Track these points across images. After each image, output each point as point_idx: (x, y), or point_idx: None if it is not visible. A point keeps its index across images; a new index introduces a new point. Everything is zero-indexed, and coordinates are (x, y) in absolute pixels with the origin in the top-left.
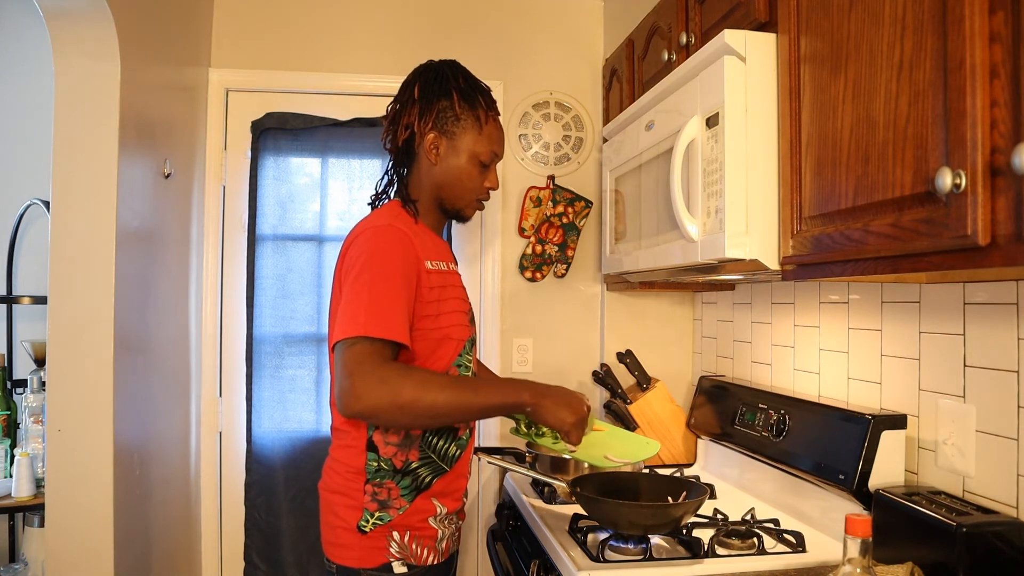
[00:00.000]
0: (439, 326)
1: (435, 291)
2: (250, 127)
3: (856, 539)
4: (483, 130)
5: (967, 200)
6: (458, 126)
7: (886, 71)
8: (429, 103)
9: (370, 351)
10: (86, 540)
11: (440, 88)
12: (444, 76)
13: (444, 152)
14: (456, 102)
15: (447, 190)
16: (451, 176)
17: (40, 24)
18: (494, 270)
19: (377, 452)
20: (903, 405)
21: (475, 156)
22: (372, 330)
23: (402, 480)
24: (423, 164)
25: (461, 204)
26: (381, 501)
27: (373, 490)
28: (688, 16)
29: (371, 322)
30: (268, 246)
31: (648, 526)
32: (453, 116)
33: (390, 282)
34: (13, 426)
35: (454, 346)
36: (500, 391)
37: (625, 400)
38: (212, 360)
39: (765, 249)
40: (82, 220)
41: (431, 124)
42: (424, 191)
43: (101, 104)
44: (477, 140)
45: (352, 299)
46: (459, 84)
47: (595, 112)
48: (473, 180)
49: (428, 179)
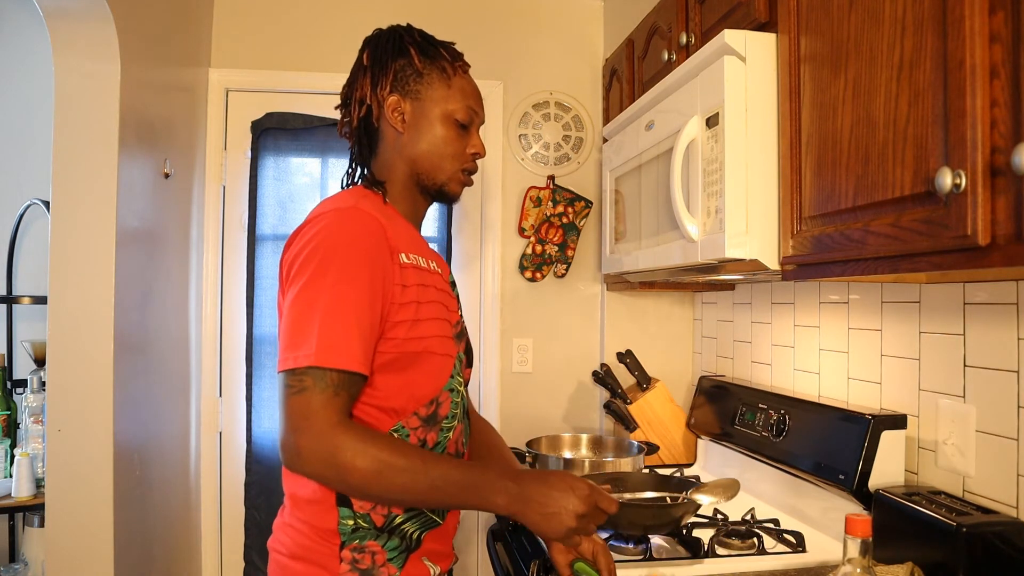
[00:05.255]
0: (418, 335)
1: (411, 290)
2: (250, 127)
3: (856, 539)
4: (452, 83)
5: (967, 200)
6: (421, 83)
7: (886, 71)
8: (383, 66)
9: (322, 401)
10: (86, 540)
11: (394, 48)
12: (396, 35)
13: (411, 116)
14: (415, 57)
15: (423, 161)
16: (424, 143)
17: (40, 24)
18: (494, 270)
19: (351, 507)
20: (903, 405)
21: (448, 115)
22: (325, 358)
23: (388, 541)
24: (388, 138)
25: (443, 177)
26: (364, 570)
27: (352, 556)
28: (688, 16)
29: (324, 347)
30: (268, 246)
31: (648, 526)
32: (414, 73)
33: (353, 286)
34: (13, 426)
35: (439, 364)
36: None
37: (625, 400)
38: (212, 360)
39: (765, 249)
40: (82, 220)
41: (388, 88)
42: (395, 170)
43: (101, 104)
44: (447, 96)
45: (301, 311)
46: (415, 39)
47: (595, 112)
48: (451, 144)
49: (397, 153)
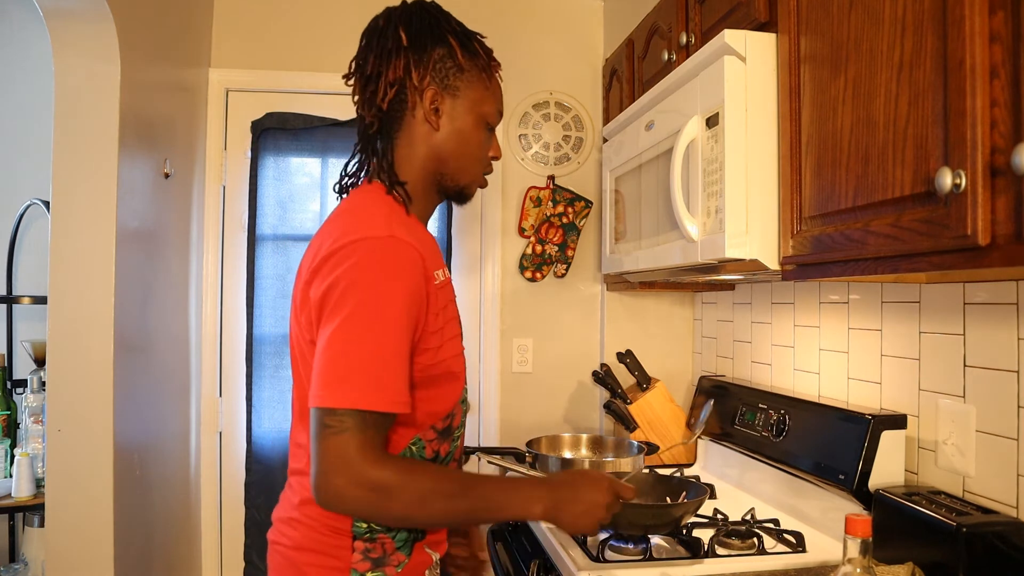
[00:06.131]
0: (440, 359)
1: (440, 316)
2: (250, 127)
3: (856, 539)
4: (490, 84)
5: (967, 200)
6: (462, 79)
7: (886, 71)
8: (421, 51)
9: (362, 442)
10: (86, 540)
11: (433, 32)
12: (435, 18)
13: (447, 113)
14: (457, 50)
15: (453, 162)
16: (457, 144)
17: (40, 24)
18: (494, 270)
19: None
20: (903, 405)
21: (483, 117)
22: (368, 401)
23: (398, 533)
24: (418, 132)
25: (467, 179)
26: (375, 559)
27: (365, 547)
28: (688, 16)
29: (368, 389)
30: (268, 246)
31: (648, 526)
32: (455, 67)
33: (393, 327)
34: (13, 426)
35: (455, 384)
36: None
37: (625, 400)
38: (212, 360)
39: (765, 249)
40: (82, 220)
41: (428, 77)
42: (418, 168)
43: (101, 104)
44: (484, 97)
45: (340, 348)
46: (454, 28)
47: (595, 112)
48: (481, 148)
49: (427, 150)
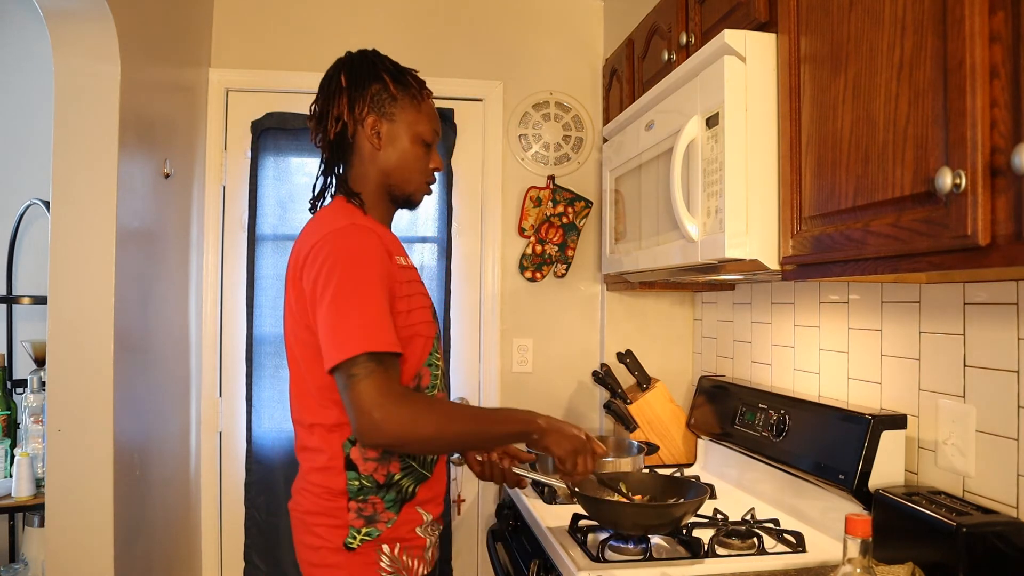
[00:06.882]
0: (410, 323)
1: (404, 287)
2: (250, 127)
3: (856, 539)
4: (422, 108)
5: (967, 200)
6: (396, 106)
7: (886, 71)
8: (360, 89)
9: (385, 378)
10: (86, 540)
11: (369, 73)
12: (370, 62)
13: (386, 135)
14: (389, 84)
15: (396, 175)
16: (397, 159)
17: (40, 24)
18: (494, 270)
19: (357, 470)
20: (903, 405)
21: (418, 136)
22: (374, 344)
23: (387, 494)
24: (364, 152)
25: (411, 188)
26: (367, 517)
27: (358, 506)
28: (688, 16)
29: (370, 336)
30: (268, 246)
31: (648, 526)
32: (389, 97)
33: (372, 288)
34: (13, 426)
35: (422, 343)
36: (517, 418)
37: (625, 400)
38: (212, 360)
39: (765, 249)
40: (82, 220)
41: (367, 109)
42: (369, 181)
43: (101, 104)
44: (418, 119)
45: (340, 314)
46: (387, 67)
47: (595, 112)
48: (420, 161)
49: (373, 167)
